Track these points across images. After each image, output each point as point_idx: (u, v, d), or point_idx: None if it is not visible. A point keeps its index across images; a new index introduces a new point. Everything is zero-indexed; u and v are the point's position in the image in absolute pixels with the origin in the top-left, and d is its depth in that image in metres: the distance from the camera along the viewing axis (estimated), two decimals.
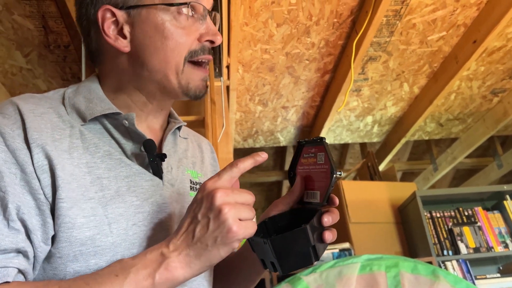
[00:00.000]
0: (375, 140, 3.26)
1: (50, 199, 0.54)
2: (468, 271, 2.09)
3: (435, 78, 2.47)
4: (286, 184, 4.19)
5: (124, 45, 0.62)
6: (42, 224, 0.54)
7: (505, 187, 2.33)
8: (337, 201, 0.60)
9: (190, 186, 0.70)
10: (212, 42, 0.64)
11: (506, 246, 2.22)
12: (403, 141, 3.03)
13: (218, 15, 0.69)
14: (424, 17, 2.01)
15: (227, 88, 2.20)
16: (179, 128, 0.72)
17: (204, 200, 0.53)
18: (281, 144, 3.20)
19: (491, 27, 1.96)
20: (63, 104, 0.63)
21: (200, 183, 0.73)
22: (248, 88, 2.44)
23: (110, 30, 0.62)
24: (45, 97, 0.63)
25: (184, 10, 0.61)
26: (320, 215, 0.57)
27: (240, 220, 0.51)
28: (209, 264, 0.52)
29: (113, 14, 0.61)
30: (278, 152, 3.79)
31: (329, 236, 0.57)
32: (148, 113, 0.67)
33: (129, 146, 0.63)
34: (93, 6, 0.62)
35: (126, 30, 0.62)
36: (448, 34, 2.14)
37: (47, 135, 0.57)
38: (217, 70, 2.04)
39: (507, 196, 2.37)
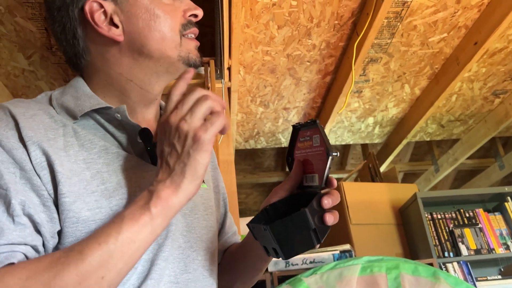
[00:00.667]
0: (376, 141, 3.26)
1: (53, 195, 0.54)
2: (469, 273, 2.09)
3: (436, 79, 2.48)
4: None
5: (118, 33, 0.62)
6: (48, 221, 0.53)
7: (506, 189, 2.33)
8: (335, 182, 0.59)
9: None
10: (195, 16, 0.67)
11: (507, 247, 2.22)
12: (404, 142, 3.03)
13: None
14: (425, 19, 2.01)
15: (228, 89, 2.21)
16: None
17: (163, 134, 0.54)
18: (283, 145, 3.20)
19: (492, 29, 1.96)
20: (51, 105, 0.62)
21: None
22: (249, 90, 2.44)
23: (101, 21, 0.61)
24: (33, 101, 0.63)
25: None
26: (320, 198, 0.56)
27: (202, 122, 0.52)
28: (197, 176, 0.53)
29: (101, 6, 0.61)
30: (279, 153, 3.80)
31: (330, 218, 0.56)
32: (140, 104, 0.67)
33: (124, 138, 0.63)
34: (75, 5, 0.62)
35: (117, 19, 0.62)
36: (449, 35, 2.14)
37: (41, 135, 0.56)
38: (218, 72, 2.05)
39: (508, 198, 2.37)
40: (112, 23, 0.62)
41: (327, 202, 0.56)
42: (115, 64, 0.64)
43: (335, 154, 0.57)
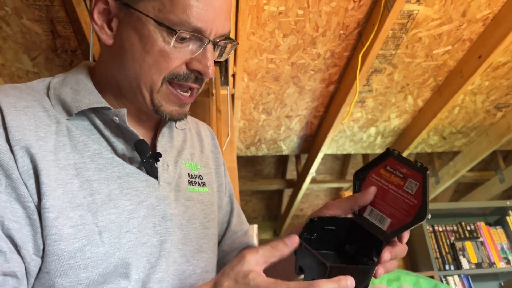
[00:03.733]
0: (378, 151, 3.25)
1: (39, 208, 0.50)
2: (470, 287, 2.08)
3: (439, 91, 2.48)
4: (287, 193, 4.18)
5: (107, 36, 0.57)
6: (33, 235, 0.49)
7: (508, 203, 2.33)
8: (405, 238, 0.51)
9: (188, 180, 0.66)
10: (201, 73, 0.57)
11: (508, 262, 2.21)
12: (405, 153, 3.03)
13: (230, 46, 0.61)
14: (430, 31, 2.02)
15: (232, 96, 2.21)
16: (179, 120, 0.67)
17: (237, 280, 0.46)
18: (284, 153, 3.20)
19: (497, 43, 1.97)
20: (48, 95, 0.58)
21: (199, 175, 0.69)
22: (252, 97, 2.44)
23: (98, 16, 0.56)
24: (28, 88, 0.58)
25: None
26: (383, 248, 0.49)
27: None
28: None
29: (107, 2, 0.56)
30: (280, 161, 3.79)
31: (382, 272, 0.49)
32: (140, 111, 0.62)
33: (120, 144, 0.59)
34: None
35: (114, 23, 0.56)
36: (454, 48, 2.15)
37: (30, 134, 0.52)
38: (223, 79, 2.05)
39: (510, 212, 2.36)
40: (109, 23, 0.57)
41: (387, 256, 0.49)
42: (109, 64, 0.60)
43: (429, 217, 0.50)
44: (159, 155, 0.60)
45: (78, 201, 0.52)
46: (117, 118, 0.57)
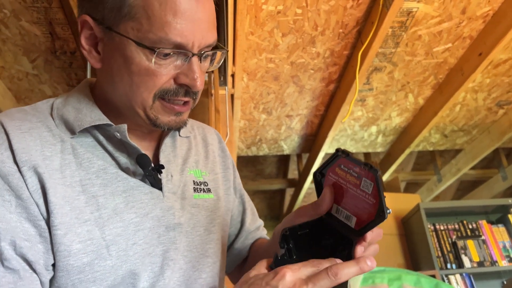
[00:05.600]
0: (379, 150, 3.24)
1: (48, 225, 0.52)
2: (472, 286, 2.07)
3: (440, 89, 2.47)
4: (289, 192, 4.18)
5: (96, 60, 0.58)
6: (44, 252, 0.51)
7: (510, 201, 2.31)
8: (369, 238, 0.52)
9: (194, 187, 0.67)
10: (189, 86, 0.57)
11: (511, 260, 2.20)
12: (407, 151, 3.02)
13: (220, 53, 0.62)
14: (429, 29, 2.01)
15: (232, 96, 2.21)
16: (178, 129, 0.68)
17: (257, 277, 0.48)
18: (285, 153, 3.19)
19: (497, 40, 1.95)
20: (52, 115, 0.59)
21: (204, 182, 0.70)
22: (252, 97, 2.44)
23: (85, 41, 0.57)
24: (33, 110, 0.59)
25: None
26: (354, 246, 0.52)
27: None
28: None
29: (91, 28, 0.57)
30: (281, 160, 3.79)
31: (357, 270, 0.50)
32: (140, 126, 0.63)
33: (124, 158, 0.60)
34: (79, 9, 0.59)
35: (101, 47, 0.57)
36: (454, 46, 2.14)
37: (36, 154, 0.53)
38: (222, 79, 2.04)
39: None
40: (96, 47, 0.58)
41: (360, 252, 0.51)
42: (104, 85, 0.61)
43: (389, 212, 0.51)
44: (162, 167, 0.62)
45: (85, 217, 0.54)
46: (118, 134, 0.59)
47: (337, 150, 0.56)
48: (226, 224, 0.75)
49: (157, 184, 0.61)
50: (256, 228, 0.83)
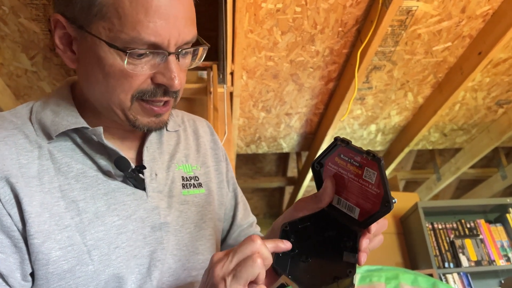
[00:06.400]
0: (378, 148, 3.24)
1: (25, 235, 0.50)
2: (469, 285, 2.08)
3: (439, 88, 2.46)
4: (288, 190, 4.18)
5: (71, 60, 0.56)
6: (21, 262, 0.50)
7: (508, 200, 2.32)
8: (374, 229, 0.51)
9: (182, 184, 0.66)
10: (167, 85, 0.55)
11: (508, 259, 2.20)
12: (406, 150, 3.02)
13: (202, 49, 0.60)
14: (429, 27, 2.00)
15: (231, 94, 2.21)
16: (158, 129, 0.65)
17: (205, 276, 0.48)
18: (284, 151, 3.19)
19: (497, 39, 1.95)
20: (30, 120, 0.58)
21: (195, 177, 0.68)
22: (251, 95, 2.44)
23: (59, 40, 0.56)
24: (12, 115, 0.58)
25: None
26: (359, 237, 0.50)
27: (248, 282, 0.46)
28: None
29: (64, 27, 0.55)
30: (281, 159, 3.79)
31: (364, 258, 0.50)
32: (120, 127, 0.61)
33: (104, 161, 0.58)
34: (52, 7, 0.57)
35: (75, 47, 0.55)
36: (453, 45, 2.13)
37: (11, 163, 0.52)
38: (220, 77, 2.04)
39: (510, 209, 2.35)
40: (71, 46, 0.56)
41: (366, 244, 0.50)
42: (82, 84, 0.59)
43: (394, 201, 0.49)
44: (143, 167, 0.60)
45: (65, 223, 0.53)
46: (95, 137, 0.57)
47: (336, 138, 0.53)
48: (220, 218, 0.73)
49: (140, 184, 0.59)
50: (249, 224, 0.81)
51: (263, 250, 0.47)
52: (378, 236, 0.54)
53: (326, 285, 0.48)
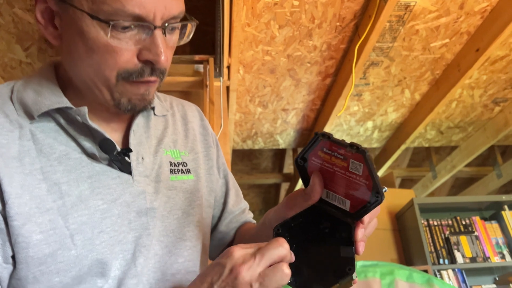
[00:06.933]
0: (374, 145, 3.24)
1: (5, 216, 0.49)
2: (464, 281, 2.08)
3: (436, 85, 2.46)
4: (284, 187, 4.17)
5: (53, 36, 0.54)
6: (2, 244, 0.49)
7: (504, 197, 2.32)
8: (367, 220, 0.50)
9: (170, 169, 0.64)
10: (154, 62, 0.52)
11: (503, 257, 2.21)
12: (403, 147, 3.02)
13: (190, 26, 0.57)
14: (427, 23, 1.99)
15: (227, 88, 2.19)
16: (152, 108, 0.64)
17: (224, 273, 0.45)
18: (280, 147, 3.19)
19: (495, 36, 1.94)
20: (11, 99, 0.56)
21: (183, 162, 0.67)
22: (248, 89, 2.43)
23: (41, 15, 0.54)
24: None
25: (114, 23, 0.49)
26: (354, 230, 0.50)
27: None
28: None
29: (45, 1, 0.53)
30: (277, 155, 3.78)
31: (362, 247, 0.49)
32: (105, 108, 0.59)
33: (88, 143, 0.56)
34: None
35: (57, 22, 0.53)
36: (451, 41, 2.13)
37: None
38: (217, 70, 2.03)
39: (506, 207, 2.35)
40: (53, 21, 0.54)
41: (361, 235, 0.49)
42: (66, 63, 0.56)
43: (385, 190, 0.48)
44: (129, 150, 0.58)
45: (47, 206, 0.51)
46: (79, 117, 0.55)
47: (316, 133, 0.52)
48: (209, 205, 0.72)
49: (126, 168, 0.58)
50: (241, 210, 0.80)
51: (289, 257, 0.46)
52: (372, 222, 0.53)
53: (328, 287, 0.47)
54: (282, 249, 0.45)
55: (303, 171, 0.56)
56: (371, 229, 0.53)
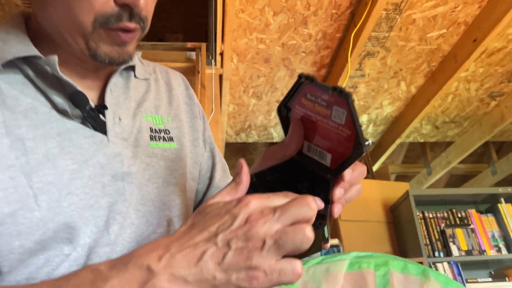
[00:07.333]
0: (370, 140, 3.22)
1: None
2: (459, 274, 2.05)
3: (433, 77, 2.43)
4: None
5: None
6: None
7: (500, 190, 2.30)
8: (349, 175, 0.45)
9: (151, 135, 0.59)
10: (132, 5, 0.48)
11: (499, 250, 2.18)
12: (398, 141, 2.99)
13: None
14: (424, 12, 1.96)
15: (220, 77, 2.15)
16: (133, 69, 0.60)
17: (235, 224, 0.38)
18: (275, 140, 3.15)
19: (492, 26, 1.92)
20: None
21: (166, 130, 0.62)
22: (242, 79, 2.38)
23: None
24: None
25: None
26: (332, 188, 0.45)
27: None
28: None
29: None
30: None
31: (339, 209, 0.44)
32: (80, 60, 0.54)
33: (59, 98, 0.52)
34: None
35: None
36: (448, 32, 2.10)
37: None
38: (210, 57, 1.99)
39: (502, 199, 2.33)
40: None
41: (339, 194, 0.44)
42: (37, 10, 0.52)
43: (368, 143, 0.43)
44: (104, 107, 0.54)
45: (8, 162, 0.46)
46: (49, 68, 0.50)
47: (300, 76, 0.47)
48: (193, 178, 0.67)
49: (100, 127, 0.53)
50: None
51: (313, 220, 0.39)
52: (356, 186, 0.48)
53: None
54: (308, 209, 0.38)
55: (286, 122, 0.51)
56: (354, 193, 0.48)
